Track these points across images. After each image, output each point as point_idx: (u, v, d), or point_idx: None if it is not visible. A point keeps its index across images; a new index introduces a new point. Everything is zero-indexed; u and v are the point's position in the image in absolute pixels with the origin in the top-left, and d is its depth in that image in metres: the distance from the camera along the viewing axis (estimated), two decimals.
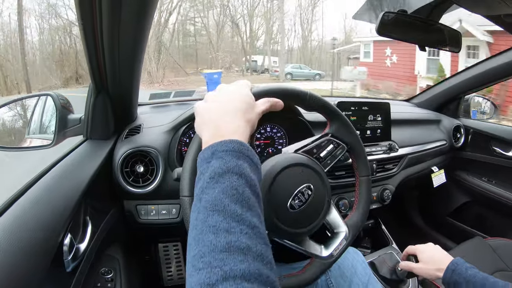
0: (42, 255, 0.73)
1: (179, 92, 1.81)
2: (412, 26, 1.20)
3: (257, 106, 0.70)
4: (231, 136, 0.58)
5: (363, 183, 0.99)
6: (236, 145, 0.56)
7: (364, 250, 1.65)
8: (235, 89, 0.69)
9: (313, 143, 0.90)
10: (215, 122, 0.63)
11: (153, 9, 0.85)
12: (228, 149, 0.55)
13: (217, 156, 0.55)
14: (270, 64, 25.89)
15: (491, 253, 1.54)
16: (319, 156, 0.90)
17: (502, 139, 2.01)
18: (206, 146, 0.58)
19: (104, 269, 1.13)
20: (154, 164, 1.19)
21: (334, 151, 0.91)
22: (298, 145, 0.90)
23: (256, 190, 0.55)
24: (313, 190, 0.82)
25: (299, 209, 0.80)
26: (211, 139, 0.59)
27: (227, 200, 0.49)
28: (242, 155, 0.56)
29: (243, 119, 0.63)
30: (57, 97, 1.16)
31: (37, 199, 0.82)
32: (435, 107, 2.25)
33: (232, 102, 0.66)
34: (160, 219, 1.21)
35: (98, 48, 0.91)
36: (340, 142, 0.92)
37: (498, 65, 1.83)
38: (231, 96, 0.67)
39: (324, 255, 0.88)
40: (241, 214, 0.48)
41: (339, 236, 0.92)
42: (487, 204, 2.13)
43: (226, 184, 0.51)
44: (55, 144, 1.14)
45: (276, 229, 0.79)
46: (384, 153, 1.63)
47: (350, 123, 0.93)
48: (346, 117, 0.93)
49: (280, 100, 0.76)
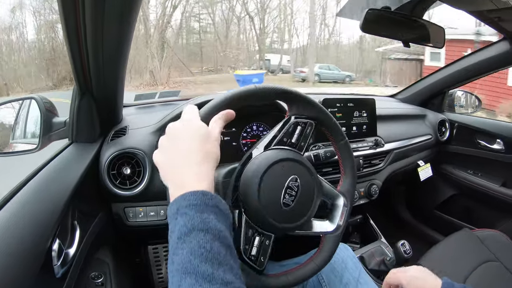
0: (31, 262, 0.72)
1: (164, 92, 1.80)
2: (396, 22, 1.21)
3: (212, 130, 0.69)
4: (192, 186, 0.58)
5: (343, 148, 0.97)
6: (198, 197, 0.56)
7: (353, 245, 1.66)
8: (183, 127, 0.67)
9: (280, 133, 0.86)
10: (174, 173, 0.63)
11: (137, 9, 0.84)
12: (190, 204, 0.55)
13: (181, 212, 0.55)
14: (281, 63, 24.38)
15: (479, 244, 1.56)
16: (291, 143, 0.87)
17: (486, 132, 2.04)
18: (172, 201, 0.58)
19: (94, 273, 1.12)
20: (141, 166, 1.18)
21: (304, 131, 0.88)
22: (266, 140, 0.86)
23: (226, 240, 0.55)
24: (299, 179, 0.81)
25: (293, 203, 0.80)
26: (175, 191, 0.59)
27: (197, 260, 0.49)
28: (206, 207, 0.55)
29: (201, 160, 0.63)
30: (41, 100, 1.15)
31: (24, 204, 0.81)
32: (420, 102, 2.28)
33: (184, 144, 0.64)
34: (149, 221, 1.21)
35: (82, 50, 0.90)
36: (306, 120, 0.89)
37: (481, 60, 1.85)
38: (181, 136, 0.66)
39: (332, 229, 0.91)
40: (212, 273, 0.48)
41: (338, 206, 0.93)
42: (473, 196, 2.16)
43: (194, 243, 0.51)
44: (40, 148, 1.13)
45: (281, 230, 0.79)
46: (370, 148, 1.64)
47: (309, 98, 0.89)
48: (303, 94, 0.88)
49: (229, 110, 0.75)
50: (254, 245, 0.77)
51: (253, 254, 0.77)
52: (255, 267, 0.77)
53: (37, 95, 1.17)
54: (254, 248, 0.77)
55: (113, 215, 1.21)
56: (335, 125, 0.93)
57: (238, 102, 0.78)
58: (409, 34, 1.26)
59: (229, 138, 1.42)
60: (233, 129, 1.42)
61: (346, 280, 1.06)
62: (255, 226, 0.78)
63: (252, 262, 0.77)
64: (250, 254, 0.77)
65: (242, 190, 0.79)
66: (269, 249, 0.79)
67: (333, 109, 1.53)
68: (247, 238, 0.77)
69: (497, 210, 2.04)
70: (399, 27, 1.23)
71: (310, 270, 0.86)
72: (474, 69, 1.92)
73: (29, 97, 1.19)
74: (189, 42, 25.58)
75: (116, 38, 0.90)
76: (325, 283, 1.06)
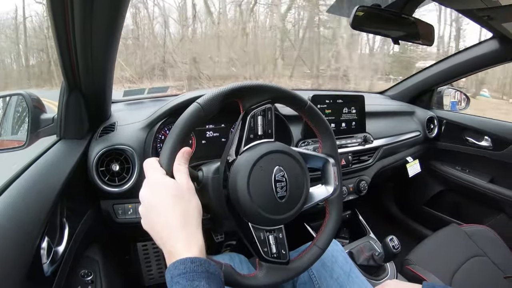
0: (20, 260, 0.71)
1: (153, 88, 1.79)
2: (386, 20, 1.21)
3: (180, 183, 0.68)
4: (180, 254, 0.59)
5: (309, 112, 0.92)
6: (187, 265, 0.57)
7: (342, 241, 1.67)
8: (152, 194, 0.67)
9: (244, 132, 0.83)
10: (161, 241, 0.63)
11: (126, 4, 0.84)
12: (181, 273, 0.56)
13: (174, 281, 0.56)
14: None
15: (466, 239, 1.58)
16: (258, 136, 0.84)
17: (474, 129, 2.06)
18: (166, 270, 0.59)
19: (84, 271, 1.11)
20: (129, 162, 1.17)
21: (265, 117, 0.84)
22: (234, 145, 0.83)
23: None
24: (283, 168, 0.81)
25: (288, 192, 0.80)
26: (168, 259, 0.61)
27: None
28: (195, 274, 0.56)
29: (182, 224, 0.63)
30: (28, 96, 1.13)
31: (12, 202, 0.80)
32: (409, 99, 2.31)
33: (160, 213, 0.64)
34: (138, 218, 1.19)
35: (70, 45, 0.89)
36: (261, 105, 0.84)
37: (470, 58, 1.88)
38: (154, 205, 0.65)
39: (331, 191, 0.94)
40: None
41: (329, 168, 0.95)
42: (461, 192, 2.19)
43: None
44: (28, 145, 1.12)
45: (287, 219, 0.81)
46: (359, 145, 1.65)
47: (251, 84, 0.83)
48: (244, 83, 0.82)
49: (183, 149, 0.73)
50: (271, 243, 0.79)
51: (274, 252, 0.79)
52: (281, 261, 0.80)
53: (24, 91, 1.16)
54: (272, 246, 0.79)
55: (102, 212, 1.20)
56: (289, 93, 0.88)
57: (189, 131, 0.75)
58: (399, 31, 1.26)
59: (218, 134, 1.42)
60: (222, 125, 1.42)
61: (337, 275, 1.07)
62: (262, 228, 0.79)
63: (277, 259, 0.79)
64: (272, 253, 0.79)
65: (235, 202, 0.79)
66: (285, 239, 0.82)
67: (322, 105, 1.53)
68: (261, 241, 0.79)
69: (485, 206, 2.07)
70: (389, 25, 1.23)
71: (326, 237, 0.91)
72: (463, 67, 1.95)
73: (17, 93, 1.17)
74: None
75: (105, 33, 0.89)
76: (315, 278, 1.07)
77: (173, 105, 1.23)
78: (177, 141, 0.73)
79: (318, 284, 1.06)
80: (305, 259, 0.85)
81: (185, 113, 0.75)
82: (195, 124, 0.75)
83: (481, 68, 1.92)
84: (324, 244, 0.89)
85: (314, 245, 0.88)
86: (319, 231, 0.92)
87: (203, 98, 0.77)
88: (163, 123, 1.24)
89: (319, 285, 1.06)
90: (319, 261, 1.05)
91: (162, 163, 0.71)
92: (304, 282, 1.08)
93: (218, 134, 1.41)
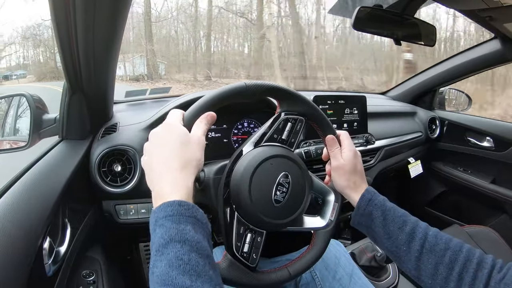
0: (22, 260, 0.72)
1: (155, 89, 1.79)
2: (388, 20, 1.21)
3: (194, 135, 0.69)
4: (170, 195, 0.59)
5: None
6: (175, 208, 0.56)
7: (344, 242, 1.66)
8: (163, 132, 0.68)
9: (270, 129, 0.86)
10: (154, 180, 0.63)
11: (128, 6, 0.84)
12: (167, 215, 0.55)
13: (159, 224, 0.55)
14: None
15: (468, 240, 1.57)
16: (281, 139, 0.86)
17: (476, 130, 2.06)
18: (151, 211, 0.58)
19: (86, 271, 1.12)
20: (131, 163, 1.17)
21: (294, 128, 0.87)
22: (257, 137, 0.86)
23: (204, 251, 0.55)
24: (290, 176, 0.81)
25: (284, 200, 0.80)
26: (155, 200, 0.60)
27: (174, 272, 0.49)
28: (182, 217, 0.55)
29: (180, 167, 0.63)
30: (30, 97, 1.13)
31: (14, 203, 0.80)
32: (411, 99, 2.30)
33: (164, 150, 0.65)
34: (140, 218, 1.20)
35: (73, 47, 0.89)
36: (296, 116, 0.88)
37: (472, 59, 1.88)
38: (162, 142, 0.66)
39: (323, 224, 0.90)
40: (190, 285, 0.48)
41: (330, 202, 0.92)
42: (463, 193, 2.19)
43: (171, 255, 0.51)
44: (30, 145, 1.12)
45: (271, 227, 0.80)
46: (361, 145, 1.65)
47: (298, 94, 0.88)
48: (293, 90, 0.88)
49: (210, 113, 0.74)
50: (246, 242, 0.77)
51: (245, 251, 0.77)
52: (247, 264, 0.77)
53: (26, 92, 1.16)
54: (246, 245, 0.77)
55: (104, 212, 1.20)
56: (324, 120, 0.92)
57: (227, 99, 0.78)
58: (400, 32, 1.26)
59: (220, 135, 1.41)
60: (224, 126, 1.42)
61: (340, 276, 1.07)
62: (246, 223, 0.78)
63: (244, 259, 0.76)
64: (242, 251, 0.76)
65: (233, 187, 0.79)
66: (261, 245, 0.79)
67: (324, 106, 1.53)
68: (238, 235, 0.77)
69: (487, 206, 2.06)
70: (390, 25, 1.23)
71: (301, 265, 0.86)
72: (464, 68, 1.94)
73: (19, 94, 1.17)
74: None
75: (107, 35, 0.89)
76: (318, 279, 1.07)
77: (175, 105, 1.23)
78: (209, 103, 0.75)
79: (321, 284, 1.05)
80: (272, 276, 0.81)
81: (229, 85, 0.79)
82: (232, 96, 0.78)
83: (483, 69, 1.91)
84: (295, 272, 0.84)
85: (286, 268, 0.84)
86: (298, 257, 0.88)
87: (251, 81, 0.81)
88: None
89: (321, 285, 1.05)
90: (321, 261, 1.04)
91: (185, 116, 0.73)
92: (307, 282, 1.07)
93: (220, 134, 1.41)
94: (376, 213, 0.82)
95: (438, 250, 0.74)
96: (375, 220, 0.82)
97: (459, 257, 0.72)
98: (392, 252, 0.80)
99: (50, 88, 13.80)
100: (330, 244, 1.00)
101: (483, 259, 0.71)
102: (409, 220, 0.81)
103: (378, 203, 0.83)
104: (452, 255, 0.72)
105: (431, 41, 1.31)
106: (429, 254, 0.74)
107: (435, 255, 0.74)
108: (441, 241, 0.75)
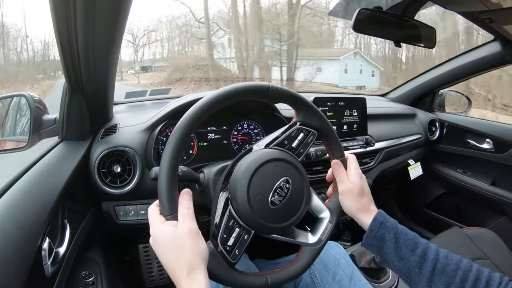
0: (21, 261, 0.71)
1: (155, 90, 1.79)
2: (388, 22, 1.21)
3: (183, 228, 0.68)
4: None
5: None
6: None
7: (344, 243, 1.67)
8: (155, 244, 0.69)
9: (283, 135, 0.88)
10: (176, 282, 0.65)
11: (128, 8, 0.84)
12: None
13: None
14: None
15: (468, 242, 1.57)
16: (291, 147, 0.88)
17: (476, 132, 2.06)
18: None
19: (85, 272, 1.11)
20: (131, 164, 1.17)
21: (305, 139, 0.89)
22: (268, 139, 0.88)
23: None
24: (291, 182, 0.81)
25: (280, 204, 0.79)
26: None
27: None
28: None
29: (186, 272, 0.64)
30: (31, 98, 1.13)
31: (13, 203, 0.80)
32: (411, 101, 2.30)
33: (167, 261, 0.66)
34: (139, 219, 1.20)
35: (73, 47, 0.89)
36: (310, 128, 0.90)
37: (472, 60, 1.88)
38: (159, 252, 0.68)
39: (313, 241, 0.89)
40: None
41: (324, 220, 0.91)
42: (463, 195, 2.19)
43: None
44: (29, 146, 1.11)
45: (261, 227, 0.79)
46: (361, 147, 1.65)
47: (316, 108, 0.90)
48: (312, 103, 0.90)
49: (185, 190, 0.74)
50: (232, 236, 0.77)
51: (229, 244, 0.76)
52: (228, 258, 0.76)
53: (27, 92, 1.16)
54: (231, 238, 0.77)
55: (103, 213, 1.20)
56: (336, 139, 0.94)
57: (247, 95, 0.81)
58: (400, 34, 1.26)
59: (219, 136, 1.41)
60: (224, 127, 1.42)
61: (339, 278, 1.07)
62: (237, 217, 0.78)
63: (226, 252, 0.76)
64: (226, 244, 0.76)
65: (234, 179, 0.79)
66: (246, 244, 0.79)
67: (324, 108, 1.53)
68: (227, 226, 0.77)
69: (487, 208, 2.06)
70: (390, 27, 1.23)
71: (281, 277, 0.85)
72: (464, 70, 1.94)
73: (19, 94, 1.17)
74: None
75: (107, 36, 0.89)
76: (318, 280, 1.07)
77: (174, 107, 1.23)
78: (231, 92, 0.79)
79: (320, 286, 1.06)
80: (249, 279, 0.79)
81: (254, 82, 0.81)
82: (254, 93, 0.83)
83: (483, 71, 1.92)
84: (273, 281, 0.82)
85: (265, 275, 0.82)
86: (280, 268, 0.86)
87: (275, 85, 0.84)
88: (164, 125, 1.24)
89: (321, 287, 1.05)
90: (321, 263, 1.04)
91: (161, 205, 0.72)
92: (306, 284, 1.08)
93: (219, 136, 1.41)
94: (388, 235, 0.82)
95: (449, 270, 0.76)
96: (387, 242, 0.82)
97: (469, 276, 0.74)
98: (403, 273, 0.81)
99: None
100: (329, 245, 1.00)
101: (491, 278, 0.74)
102: (420, 242, 0.81)
103: (390, 226, 0.83)
104: (462, 275, 0.74)
105: (431, 43, 1.31)
106: (441, 275, 0.76)
107: (446, 275, 0.75)
108: (451, 261, 0.77)
